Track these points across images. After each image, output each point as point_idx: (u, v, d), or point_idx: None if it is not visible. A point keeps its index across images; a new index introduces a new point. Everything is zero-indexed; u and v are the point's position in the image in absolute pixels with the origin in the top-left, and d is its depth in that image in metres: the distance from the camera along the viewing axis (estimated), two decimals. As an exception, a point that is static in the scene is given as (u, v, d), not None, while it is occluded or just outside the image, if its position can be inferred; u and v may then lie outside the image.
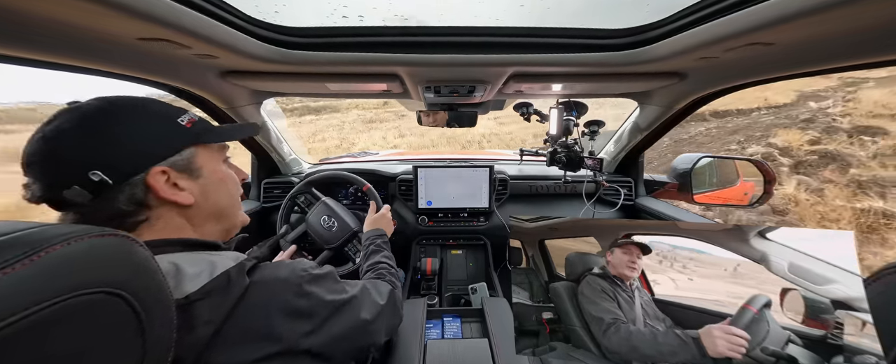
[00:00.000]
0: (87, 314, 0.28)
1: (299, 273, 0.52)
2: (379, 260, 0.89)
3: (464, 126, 1.36)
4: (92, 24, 0.54)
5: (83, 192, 0.43)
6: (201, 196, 0.53)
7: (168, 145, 0.50)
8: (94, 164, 0.43)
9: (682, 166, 1.43)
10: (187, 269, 0.43)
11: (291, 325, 0.47)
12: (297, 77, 0.95)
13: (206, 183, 0.54)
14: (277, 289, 0.49)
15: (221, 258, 0.47)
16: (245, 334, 0.44)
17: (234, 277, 0.45)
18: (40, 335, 0.26)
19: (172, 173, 0.49)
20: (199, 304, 0.41)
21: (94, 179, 0.43)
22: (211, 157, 0.56)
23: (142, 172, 0.47)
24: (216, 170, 0.56)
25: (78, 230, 0.30)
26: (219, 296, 0.43)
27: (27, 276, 0.26)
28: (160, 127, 0.50)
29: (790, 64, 0.74)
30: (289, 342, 0.46)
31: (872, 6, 0.45)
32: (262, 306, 0.46)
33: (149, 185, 0.47)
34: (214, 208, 0.56)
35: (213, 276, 0.44)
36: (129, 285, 0.31)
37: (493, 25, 0.78)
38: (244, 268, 0.47)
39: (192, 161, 0.52)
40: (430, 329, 1.02)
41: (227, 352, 0.42)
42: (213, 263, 0.45)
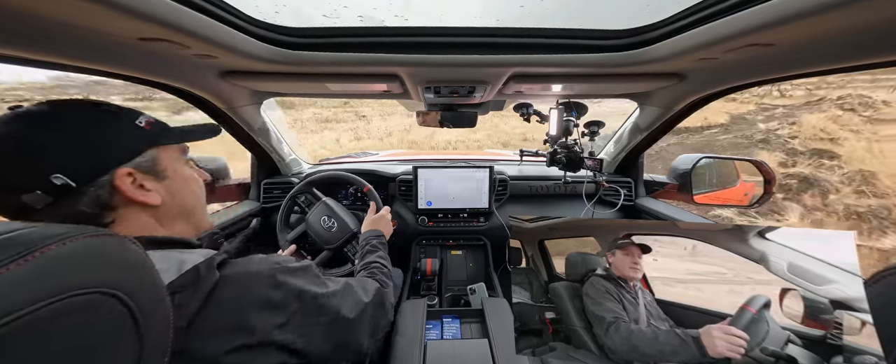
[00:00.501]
0: (83, 314, 0.28)
1: (272, 265, 0.52)
2: (373, 260, 0.88)
3: (463, 126, 1.36)
4: (92, 24, 0.54)
5: (44, 196, 0.43)
6: (168, 196, 0.53)
7: (130, 147, 0.50)
8: (56, 168, 0.43)
9: (682, 167, 1.43)
10: (157, 266, 0.43)
11: (264, 318, 0.47)
12: (296, 77, 0.95)
13: (171, 183, 0.55)
14: (249, 282, 0.49)
15: (191, 255, 0.47)
16: (217, 327, 0.44)
17: (204, 272, 0.45)
18: (35, 336, 0.25)
19: (138, 175, 0.50)
20: (171, 297, 0.41)
21: (56, 183, 0.43)
22: (173, 159, 0.57)
23: (106, 174, 0.47)
24: (180, 170, 0.57)
25: (73, 230, 0.30)
26: (189, 290, 0.43)
27: (21, 277, 0.26)
28: (119, 128, 0.50)
29: (790, 64, 0.74)
30: (262, 334, 0.46)
31: (872, 7, 0.45)
32: (233, 299, 0.46)
33: (116, 186, 0.47)
34: (181, 208, 0.57)
35: (182, 271, 0.44)
36: (124, 285, 0.31)
37: (493, 26, 0.78)
38: (213, 262, 0.47)
39: (157, 163, 0.53)
40: (430, 329, 1.02)
41: (200, 343, 0.43)
42: (181, 261, 0.45)
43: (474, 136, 11.61)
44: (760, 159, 1.35)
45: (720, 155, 1.61)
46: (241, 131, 1.37)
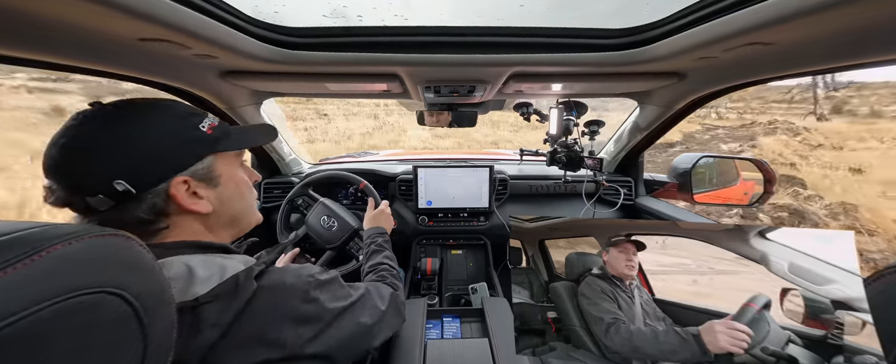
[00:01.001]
0: (88, 314, 0.28)
1: (306, 279, 0.53)
2: (380, 261, 0.89)
3: (463, 126, 1.36)
4: (92, 25, 0.54)
5: (107, 200, 0.44)
6: (218, 204, 0.54)
7: (190, 154, 0.50)
8: (118, 174, 0.44)
9: (683, 166, 1.43)
10: (199, 271, 0.44)
11: (296, 331, 0.48)
12: (296, 77, 0.95)
13: (223, 190, 0.55)
14: (284, 294, 0.49)
15: (231, 262, 0.48)
16: (250, 339, 0.44)
17: (243, 282, 0.45)
18: (41, 335, 0.26)
19: (192, 182, 0.50)
20: (207, 306, 0.42)
21: (118, 189, 0.44)
22: (229, 164, 0.56)
23: (164, 182, 0.47)
24: (233, 176, 0.57)
25: (78, 230, 0.31)
26: (227, 299, 0.44)
27: (28, 276, 0.26)
28: (182, 133, 0.50)
29: (789, 63, 0.74)
30: (292, 348, 0.47)
31: (871, 5, 0.45)
32: (268, 311, 0.47)
33: (171, 195, 0.48)
34: (230, 215, 0.57)
35: (223, 279, 0.44)
36: (129, 285, 0.31)
37: (492, 25, 0.77)
38: (252, 272, 0.47)
39: (212, 169, 0.53)
40: (430, 329, 1.02)
41: (230, 355, 0.43)
42: (223, 267, 0.46)
43: (444, 143, 11.56)
44: (760, 158, 1.35)
45: (720, 154, 1.61)
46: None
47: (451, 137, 11.42)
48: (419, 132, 12.81)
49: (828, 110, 12.18)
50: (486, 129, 13.02)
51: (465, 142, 11.52)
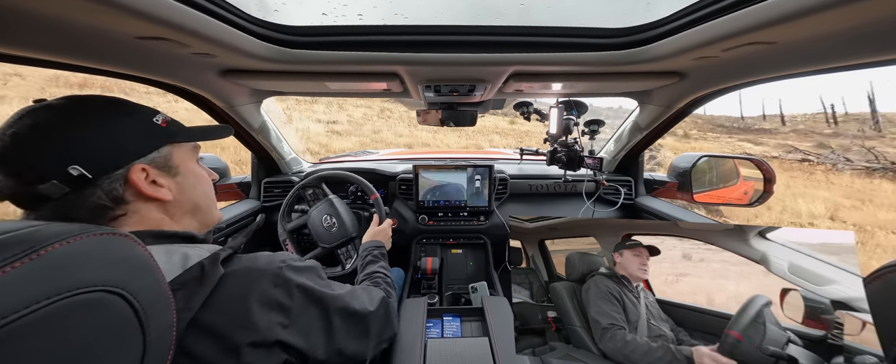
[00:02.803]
0: (87, 313, 0.28)
1: (277, 263, 0.52)
2: (375, 269, 0.89)
3: (464, 125, 1.36)
4: (90, 23, 0.53)
5: (61, 186, 0.43)
6: (179, 192, 0.55)
7: (147, 143, 0.51)
8: (73, 159, 0.44)
9: (683, 165, 1.43)
10: (160, 259, 0.43)
11: (268, 316, 0.47)
12: (296, 76, 0.95)
13: (182, 180, 0.56)
14: (252, 278, 0.49)
15: (196, 250, 0.47)
16: (222, 322, 0.44)
17: (208, 268, 0.45)
18: (41, 333, 0.26)
19: (151, 170, 0.51)
20: (175, 293, 0.41)
21: (72, 174, 0.43)
22: (186, 156, 0.58)
23: (122, 168, 0.48)
24: (191, 168, 0.59)
25: (76, 229, 0.30)
26: (194, 286, 0.43)
27: (26, 275, 0.26)
28: (137, 124, 0.51)
29: (790, 63, 0.74)
30: (266, 332, 0.46)
31: (872, 6, 0.45)
32: (237, 296, 0.47)
33: (130, 180, 0.48)
34: (191, 204, 0.58)
35: (186, 267, 0.44)
36: (128, 284, 0.31)
37: (492, 24, 0.77)
38: (218, 258, 0.47)
39: (170, 159, 0.54)
40: (431, 328, 1.02)
41: (204, 340, 0.43)
42: (186, 255, 0.46)
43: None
44: (760, 158, 1.35)
45: (720, 154, 1.61)
46: (241, 130, 1.36)
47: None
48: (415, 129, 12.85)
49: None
50: (458, 137, 13.35)
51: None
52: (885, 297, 0.41)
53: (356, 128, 11.98)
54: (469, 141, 13.48)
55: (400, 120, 15.35)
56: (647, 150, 1.57)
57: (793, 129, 23.00)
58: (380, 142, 10.62)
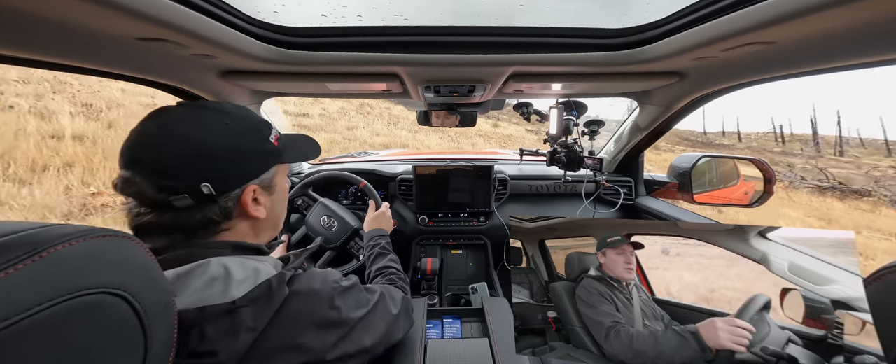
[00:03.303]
0: (89, 315, 0.28)
1: (331, 286, 0.54)
2: (386, 264, 0.90)
3: (465, 126, 1.36)
4: (90, 24, 0.53)
5: (190, 200, 0.46)
6: (271, 210, 0.57)
7: (263, 164, 0.54)
8: (208, 178, 0.47)
9: (682, 165, 1.43)
10: (236, 273, 0.45)
11: (322, 337, 0.49)
12: (296, 77, 0.95)
13: (275, 198, 0.58)
14: (312, 301, 0.50)
15: (264, 265, 0.49)
16: (281, 343, 0.45)
17: (276, 287, 0.46)
18: (43, 335, 0.26)
19: (258, 190, 0.53)
20: (244, 310, 0.42)
21: (203, 191, 0.46)
22: (282, 174, 0.60)
23: (240, 188, 0.50)
24: (283, 185, 0.61)
25: (79, 230, 0.31)
26: (262, 304, 0.44)
27: (28, 277, 0.26)
28: (259, 144, 0.53)
29: (790, 63, 0.74)
30: (318, 353, 0.48)
31: (872, 6, 0.45)
32: (298, 317, 0.48)
33: (242, 200, 0.51)
34: (275, 220, 0.60)
35: (257, 283, 0.45)
36: (130, 286, 0.31)
37: (492, 25, 0.77)
38: (284, 277, 0.48)
39: (274, 178, 0.56)
40: (430, 329, 1.02)
41: (262, 358, 0.43)
42: (257, 270, 0.47)
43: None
44: (760, 158, 1.35)
45: (720, 154, 1.61)
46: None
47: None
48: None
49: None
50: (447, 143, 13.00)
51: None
52: (886, 297, 0.41)
53: (328, 123, 11.09)
54: (451, 143, 13.10)
55: (379, 117, 14.58)
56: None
57: (747, 145, 24.67)
58: (353, 140, 9.96)
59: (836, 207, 12.59)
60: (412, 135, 12.85)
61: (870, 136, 40.86)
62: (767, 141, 33.36)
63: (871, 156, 30.08)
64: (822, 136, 37.55)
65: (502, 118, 14.98)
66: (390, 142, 11.48)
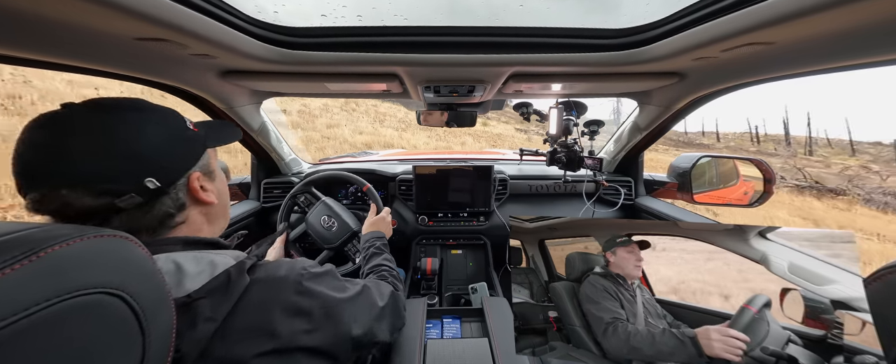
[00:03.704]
0: (87, 315, 0.28)
1: (299, 271, 0.53)
2: (380, 262, 0.89)
3: (464, 126, 1.36)
4: (89, 24, 0.53)
5: (136, 198, 0.44)
6: (217, 195, 0.56)
7: (195, 149, 0.53)
8: (148, 172, 0.45)
9: (682, 165, 1.43)
10: (189, 267, 0.44)
11: (290, 323, 0.48)
12: (296, 77, 0.95)
13: (217, 183, 0.58)
14: (277, 287, 0.49)
15: (222, 257, 0.48)
16: (246, 330, 0.45)
17: (235, 276, 0.45)
18: (40, 335, 0.26)
19: (202, 177, 0.53)
20: (201, 302, 0.42)
21: (149, 187, 0.45)
22: (213, 159, 0.59)
23: (184, 177, 0.50)
24: (218, 171, 0.60)
25: (77, 231, 0.31)
26: (220, 294, 0.44)
27: (26, 277, 0.26)
28: (181, 131, 0.52)
29: (789, 63, 0.74)
30: (287, 339, 0.47)
31: (872, 6, 0.45)
32: (261, 304, 0.47)
33: (191, 188, 0.51)
34: (223, 205, 0.59)
35: (214, 274, 0.44)
36: (128, 286, 0.31)
37: (492, 25, 0.77)
38: (244, 266, 0.48)
39: (210, 163, 0.56)
40: (430, 329, 1.02)
41: (228, 347, 0.43)
42: (213, 263, 0.46)
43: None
44: (760, 158, 1.35)
45: (720, 154, 1.61)
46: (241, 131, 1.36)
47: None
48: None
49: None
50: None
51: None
52: (886, 297, 0.41)
53: (307, 120, 10.51)
54: (439, 142, 12.75)
55: (365, 114, 13.94)
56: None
57: (725, 145, 25.95)
58: (332, 139, 9.42)
59: (816, 206, 12.78)
60: (398, 133, 12.43)
61: (836, 136, 43.93)
62: (744, 141, 35.07)
63: (837, 155, 31.90)
64: (794, 136, 40.39)
65: (491, 116, 14.66)
66: (374, 140, 10.92)
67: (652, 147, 1.55)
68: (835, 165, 24.60)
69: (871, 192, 16.25)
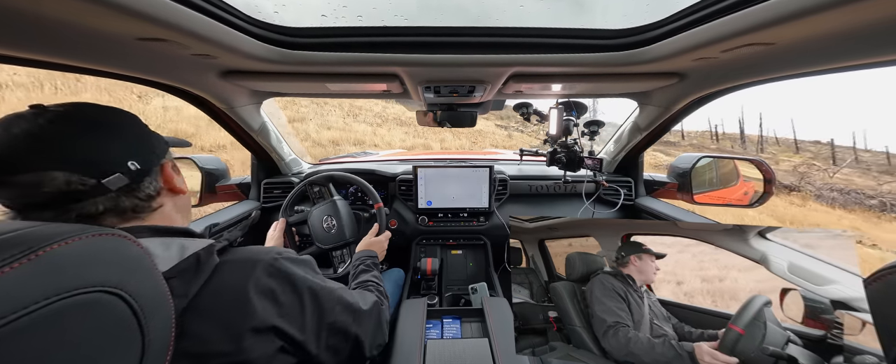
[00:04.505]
0: (86, 313, 0.28)
1: (272, 255, 0.54)
2: (368, 279, 0.88)
3: (464, 126, 1.36)
4: (90, 24, 0.54)
5: (123, 178, 0.46)
6: (184, 185, 0.59)
7: (162, 144, 0.56)
8: (132, 155, 0.48)
9: (682, 166, 1.43)
10: (157, 252, 0.44)
11: (263, 302, 0.49)
12: (296, 77, 0.95)
13: (181, 178, 0.60)
14: (247, 267, 0.50)
15: (193, 242, 0.48)
16: (217, 310, 0.46)
17: (204, 257, 0.47)
18: (39, 334, 0.26)
19: (173, 165, 0.57)
20: (172, 281, 0.42)
21: (132, 168, 0.47)
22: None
23: (158, 164, 0.53)
24: (177, 167, 0.62)
25: (76, 229, 0.31)
26: (190, 274, 0.45)
27: (25, 275, 0.26)
28: (143, 127, 0.55)
29: (790, 64, 0.74)
30: (261, 318, 0.47)
31: (872, 6, 0.45)
32: (234, 284, 0.48)
33: (165, 175, 0.54)
34: (187, 199, 0.62)
35: (183, 257, 0.45)
36: (126, 284, 0.31)
37: (492, 26, 0.77)
38: (213, 248, 0.49)
39: (172, 159, 0.59)
40: (430, 329, 1.02)
41: (200, 326, 0.44)
42: (183, 247, 0.46)
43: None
44: (760, 158, 1.35)
45: (720, 154, 1.61)
46: (241, 131, 1.36)
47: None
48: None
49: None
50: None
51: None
52: (886, 297, 0.41)
53: (270, 112, 10.24)
54: (417, 139, 12.10)
55: (337, 108, 12.98)
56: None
57: (689, 143, 27.57)
58: (293, 135, 9.18)
59: (776, 203, 13.02)
60: (372, 129, 11.77)
61: (783, 135, 48.79)
62: (705, 139, 37.99)
63: (784, 153, 35.30)
64: (748, 135, 44.23)
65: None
66: (343, 137, 10.24)
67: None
68: (783, 162, 26.44)
69: (821, 188, 17.17)
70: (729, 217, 6.64)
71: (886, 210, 14.87)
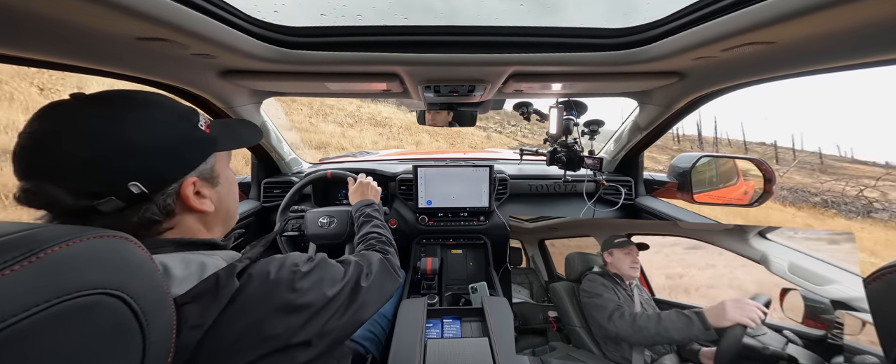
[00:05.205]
0: (87, 315, 0.28)
1: (291, 269, 0.51)
2: (368, 230, 0.87)
3: (465, 125, 1.36)
4: (90, 24, 0.53)
5: (117, 202, 0.41)
6: (218, 202, 0.54)
7: (197, 154, 0.50)
8: (134, 175, 0.42)
9: (682, 165, 1.43)
10: (176, 271, 0.42)
11: (286, 322, 0.46)
12: (296, 76, 0.95)
13: (221, 189, 0.55)
14: (269, 289, 0.47)
15: (213, 259, 0.46)
16: (238, 333, 0.43)
17: (224, 280, 0.43)
18: (40, 336, 0.26)
19: (198, 182, 0.50)
20: (187, 307, 0.40)
21: (133, 191, 0.42)
22: (223, 163, 0.56)
23: (176, 182, 0.47)
24: (227, 174, 0.57)
25: (77, 231, 0.31)
26: (208, 299, 0.41)
27: (27, 278, 0.26)
28: (188, 132, 0.49)
29: (790, 63, 0.74)
30: (285, 338, 0.45)
31: (872, 5, 0.45)
32: (253, 308, 0.45)
33: (182, 195, 0.47)
34: (226, 212, 0.57)
35: (202, 278, 0.43)
36: (128, 287, 0.31)
37: (492, 25, 0.77)
38: (234, 269, 0.45)
39: (214, 168, 0.53)
40: (430, 329, 1.02)
41: (221, 348, 0.41)
42: (202, 265, 0.44)
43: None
44: (760, 158, 1.35)
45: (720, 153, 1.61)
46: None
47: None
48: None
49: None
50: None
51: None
52: (886, 297, 0.40)
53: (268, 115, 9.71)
54: (391, 142, 11.64)
55: (306, 106, 12.02)
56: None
57: (655, 144, 31.21)
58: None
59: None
60: (342, 130, 10.83)
61: (734, 137, 54.76)
62: (667, 140, 43.11)
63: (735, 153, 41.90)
64: (705, 137, 49.78)
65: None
66: (308, 139, 9.52)
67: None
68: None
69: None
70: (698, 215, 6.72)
71: (828, 206, 16.16)
